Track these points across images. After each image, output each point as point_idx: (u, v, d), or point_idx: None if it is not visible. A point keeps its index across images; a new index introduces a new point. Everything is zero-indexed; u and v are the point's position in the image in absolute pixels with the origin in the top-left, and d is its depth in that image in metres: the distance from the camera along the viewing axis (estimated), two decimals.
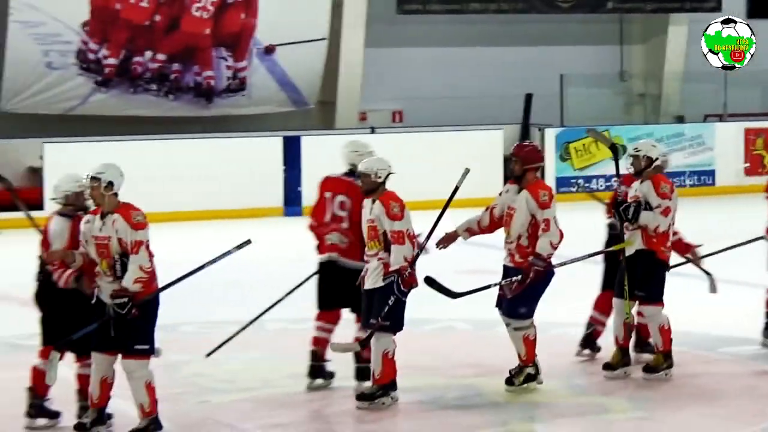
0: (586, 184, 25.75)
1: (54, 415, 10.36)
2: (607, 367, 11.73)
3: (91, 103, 25.32)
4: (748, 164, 27.11)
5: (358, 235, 11.10)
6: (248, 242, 10.09)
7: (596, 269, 12.18)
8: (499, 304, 11.32)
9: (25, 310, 10.79)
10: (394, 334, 10.68)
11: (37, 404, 10.34)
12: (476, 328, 11.76)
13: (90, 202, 10.18)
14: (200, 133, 24.68)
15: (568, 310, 12.95)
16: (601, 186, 25.99)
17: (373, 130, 25.99)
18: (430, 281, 11.09)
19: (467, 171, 11.09)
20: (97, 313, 9.72)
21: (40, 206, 22.41)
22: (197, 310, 13.62)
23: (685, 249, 12.18)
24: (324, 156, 12.13)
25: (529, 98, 27.17)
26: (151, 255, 9.70)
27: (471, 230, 11.39)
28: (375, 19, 26.89)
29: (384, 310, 10.58)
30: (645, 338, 12.18)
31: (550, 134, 26.50)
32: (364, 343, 10.77)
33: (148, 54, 25.43)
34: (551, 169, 25.73)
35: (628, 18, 29.57)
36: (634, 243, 11.51)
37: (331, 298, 11.38)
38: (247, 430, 10.50)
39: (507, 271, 11.16)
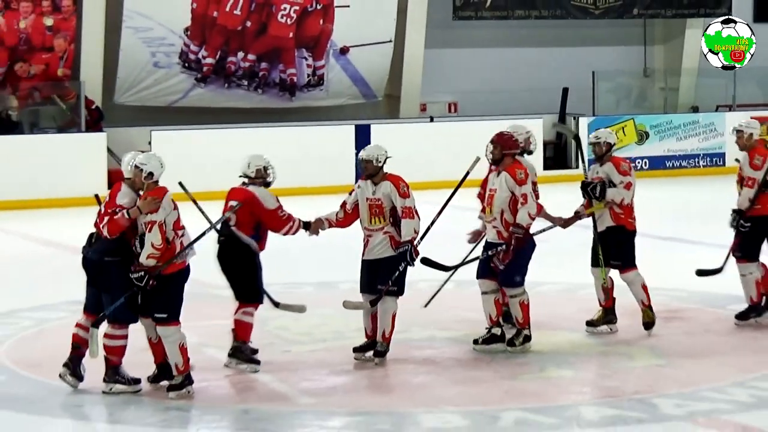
0: None
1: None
2: (590, 324, 11.67)
3: (191, 96, 25.41)
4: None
5: None
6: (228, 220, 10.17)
7: None
8: (480, 274, 11.14)
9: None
10: (398, 298, 10.68)
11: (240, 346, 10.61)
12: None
13: (271, 178, 10.62)
14: (284, 122, 24.72)
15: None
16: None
17: (431, 119, 25.98)
18: (425, 261, 11.09)
19: (477, 159, 11.11)
20: None
21: None
22: (281, 273, 13.57)
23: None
24: (390, 141, 12.07)
25: (565, 92, 27.04)
26: (176, 231, 9.67)
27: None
28: (434, 24, 26.84)
29: (393, 277, 10.55)
30: None
31: (584, 122, 26.34)
32: (374, 303, 10.70)
33: (240, 54, 25.48)
34: (586, 151, 25.63)
35: (650, 22, 29.39)
36: (604, 209, 11.40)
37: None
38: (322, 374, 10.56)
39: (489, 246, 11.05)
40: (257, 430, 9.15)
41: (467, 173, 11.13)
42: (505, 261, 10.91)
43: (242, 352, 10.67)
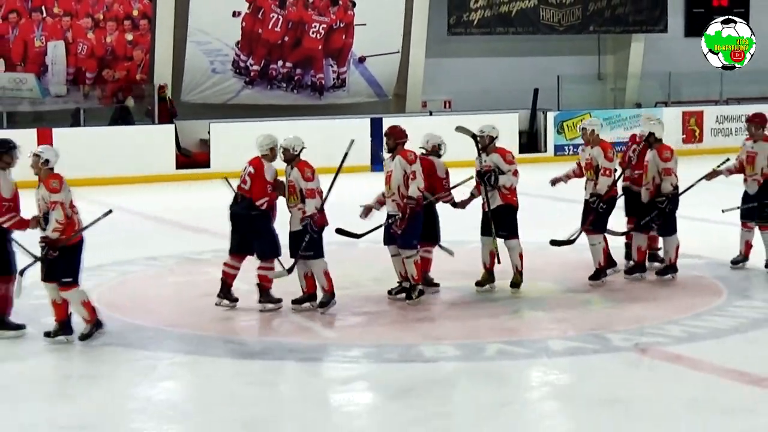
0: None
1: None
2: (478, 284, 11.35)
3: (241, 96, 25.36)
4: (684, 135, 26.85)
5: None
6: (110, 212, 9.95)
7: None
8: (386, 242, 10.93)
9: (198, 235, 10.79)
10: (317, 258, 10.42)
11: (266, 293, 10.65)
12: (501, 246, 11.64)
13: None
14: (314, 116, 24.65)
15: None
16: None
17: (431, 114, 25.93)
18: (339, 230, 10.98)
19: (352, 141, 10.83)
20: None
21: (207, 165, 22.64)
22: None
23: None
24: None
25: (536, 92, 26.95)
26: (72, 209, 9.51)
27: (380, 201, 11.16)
28: (432, 39, 26.74)
29: (303, 245, 10.34)
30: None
31: (551, 116, 26.30)
32: (290, 269, 10.50)
33: (280, 62, 25.41)
34: (551, 139, 25.63)
35: (603, 37, 29.24)
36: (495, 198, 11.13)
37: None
38: (343, 314, 10.53)
39: (390, 217, 10.81)
40: (292, 357, 9.13)
41: (345, 155, 10.76)
42: (401, 227, 10.70)
43: (268, 295, 10.65)
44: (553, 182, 12.20)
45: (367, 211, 11.19)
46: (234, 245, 10.73)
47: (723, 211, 12.48)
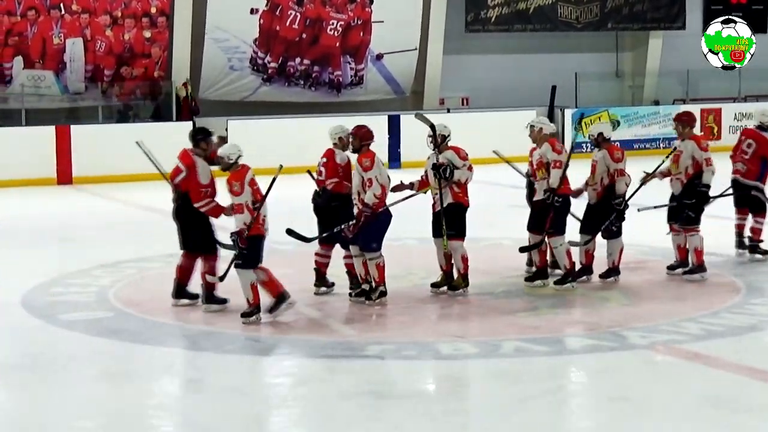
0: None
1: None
2: (434, 285, 11.19)
3: (258, 93, 25.45)
4: (702, 132, 26.78)
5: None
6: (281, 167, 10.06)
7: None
8: (347, 243, 10.77)
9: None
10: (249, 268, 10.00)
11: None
12: (515, 244, 11.66)
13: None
14: (332, 113, 24.69)
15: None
16: None
17: (448, 111, 25.98)
18: (289, 232, 10.81)
19: (281, 167, 10.20)
20: None
21: None
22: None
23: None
24: (415, 129, 12.02)
25: (554, 89, 26.96)
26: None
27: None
28: (450, 36, 26.78)
29: (234, 255, 10.03)
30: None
31: (568, 113, 26.33)
32: (222, 277, 10.33)
33: (298, 60, 25.48)
34: (569, 136, 25.60)
35: (621, 34, 29.24)
36: (434, 190, 10.98)
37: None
38: (362, 313, 10.54)
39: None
40: (309, 354, 9.15)
41: (274, 179, 10.06)
42: (353, 232, 10.56)
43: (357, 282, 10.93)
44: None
45: (399, 188, 11.05)
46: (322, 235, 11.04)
47: (639, 210, 12.14)
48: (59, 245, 14.62)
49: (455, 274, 11.10)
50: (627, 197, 11.52)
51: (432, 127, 11.04)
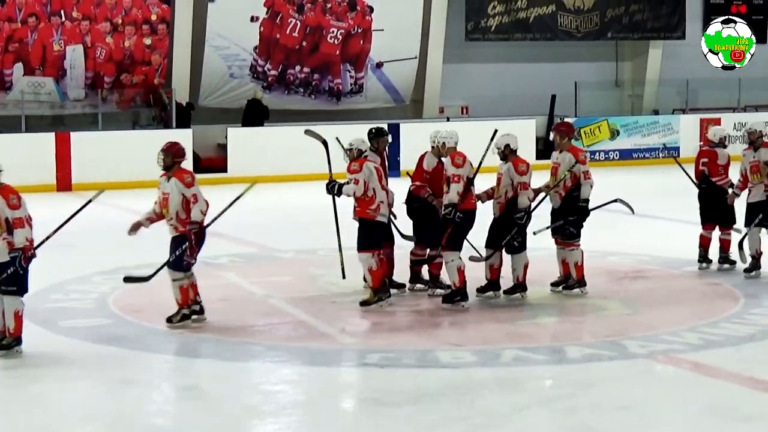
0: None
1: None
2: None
3: None
4: (701, 142, 26.80)
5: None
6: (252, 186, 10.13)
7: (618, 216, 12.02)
8: (173, 266, 10.14)
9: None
10: (15, 295, 9.23)
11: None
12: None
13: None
14: (332, 121, 24.69)
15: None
16: (601, 157, 25.96)
17: (448, 119, 25.95)
18: (127, 279, 10.57)
19: (252, 185, 10.28)
20: None
21: (224, 169, 22.65)
22: (329, 239, 13.57)
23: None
24: (415, 137, 12.04)
25: (553, 98, 26.98)
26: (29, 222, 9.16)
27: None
28: (450, 44, 26.80)
29: (4, 276, 9.14)
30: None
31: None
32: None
33: (298, 67, 25.49)
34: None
35: (621, 43, 29.27)
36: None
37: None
38: (361, 320, 10.55)
39: (174, 240, 10.16)
40: (309, 362, 9.15)
41: (241, 195, 10.30)
42: (194, 254, 10.07)
43: (437, 281, 11.37)
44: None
45: (135, 227, 10.56)
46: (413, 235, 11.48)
47: (534, 233, 11.36)
48: (59, 252, 14.59)
49: (369, 287, 10.87)
50: (530, 210, 11.15)
51: (324, 144, 11.03)
